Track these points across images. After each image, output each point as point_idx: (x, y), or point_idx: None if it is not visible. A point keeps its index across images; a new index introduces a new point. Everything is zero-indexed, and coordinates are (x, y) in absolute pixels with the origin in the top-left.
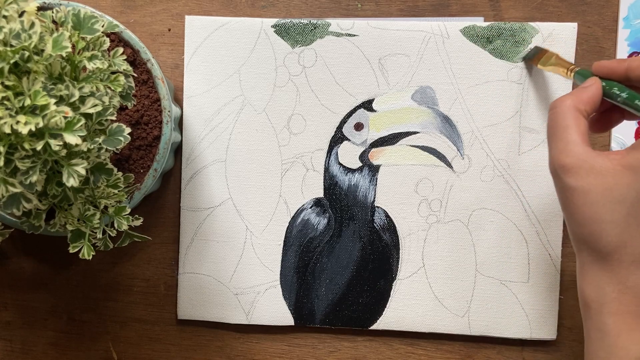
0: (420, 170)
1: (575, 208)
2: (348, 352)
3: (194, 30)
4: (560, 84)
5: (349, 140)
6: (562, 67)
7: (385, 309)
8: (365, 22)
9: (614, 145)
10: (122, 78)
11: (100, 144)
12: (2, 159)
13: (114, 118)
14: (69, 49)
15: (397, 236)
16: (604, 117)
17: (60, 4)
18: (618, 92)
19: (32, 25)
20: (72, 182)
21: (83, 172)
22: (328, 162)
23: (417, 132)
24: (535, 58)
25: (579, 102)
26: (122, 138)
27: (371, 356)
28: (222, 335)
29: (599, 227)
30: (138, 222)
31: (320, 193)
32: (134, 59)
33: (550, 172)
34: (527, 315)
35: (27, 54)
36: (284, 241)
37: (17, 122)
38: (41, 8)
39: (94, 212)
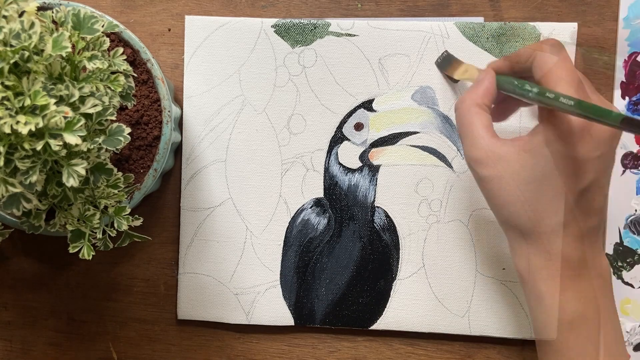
0: (420, 170)
1: (492, 194)
2: (348, 352)
3: (194, 30)
4: None
5: (349, 140)
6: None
7: (385, 309)
8: (365, 22)
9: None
10: (122, 78)
11: (100, 144)
12: (2, 159)
13: (114, 118)
14: (69, 49)
15: (397, 236)
16: (502, 107)
17: (60, 4)
18: (517, 85)
19: (32, 25)
20: (72, 182)
21: (83, 172)
22: (328, 162)
23: (417, 132)
24: (450, 69)
25: (477, 97)
26: (122, 138)
27: (371, 356)
28: (222, 335)
29: (515, 208)
30: (138, 222)
31: (320, 193)
32: (134, 59)
33: (468, 166)
34: (527, 315)
35: (27, 54)
36: (284, 241)
37: (17, 122)
38: (41, 8)
39: (94, 212)
